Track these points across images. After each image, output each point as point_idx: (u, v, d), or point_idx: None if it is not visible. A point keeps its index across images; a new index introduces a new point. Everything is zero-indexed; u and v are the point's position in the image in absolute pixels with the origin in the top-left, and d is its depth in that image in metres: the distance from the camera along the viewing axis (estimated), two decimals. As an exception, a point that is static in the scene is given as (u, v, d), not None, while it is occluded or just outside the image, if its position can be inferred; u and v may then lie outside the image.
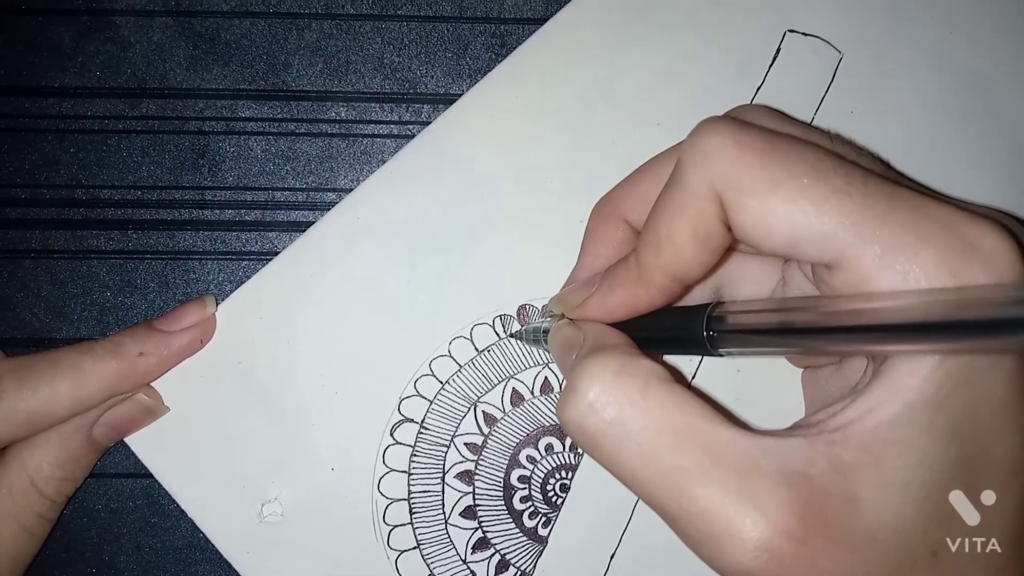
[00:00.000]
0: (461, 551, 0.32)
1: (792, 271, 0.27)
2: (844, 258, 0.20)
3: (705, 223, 0.22)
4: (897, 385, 0.20)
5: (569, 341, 0.26)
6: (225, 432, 0.32)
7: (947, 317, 0.18)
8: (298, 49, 0.35)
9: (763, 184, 0.21)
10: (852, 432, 0.20)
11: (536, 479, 0.33)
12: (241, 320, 0.33)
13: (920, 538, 0.20)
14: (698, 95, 0.34)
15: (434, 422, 0.33)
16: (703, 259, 0.23)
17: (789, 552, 0.20)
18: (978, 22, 0.35)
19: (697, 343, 0.24)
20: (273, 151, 0.34)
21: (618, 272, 0.25)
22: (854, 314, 0.20)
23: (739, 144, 0.22)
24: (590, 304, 0.26)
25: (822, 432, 0.21)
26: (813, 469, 0.20)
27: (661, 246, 0.23)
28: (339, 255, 0.33)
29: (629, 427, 0.21)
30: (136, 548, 0.34)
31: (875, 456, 0.20)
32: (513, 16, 0.35)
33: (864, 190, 0.21)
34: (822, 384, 0.27)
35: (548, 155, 0.34)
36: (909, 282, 0.20)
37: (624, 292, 0.25)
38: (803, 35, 0.34)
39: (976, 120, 0.35)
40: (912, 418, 0.20)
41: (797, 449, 0.21)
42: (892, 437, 0.20)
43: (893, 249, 0.20)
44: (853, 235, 0.20)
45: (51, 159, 0.34)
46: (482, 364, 0.33)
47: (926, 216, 0.20)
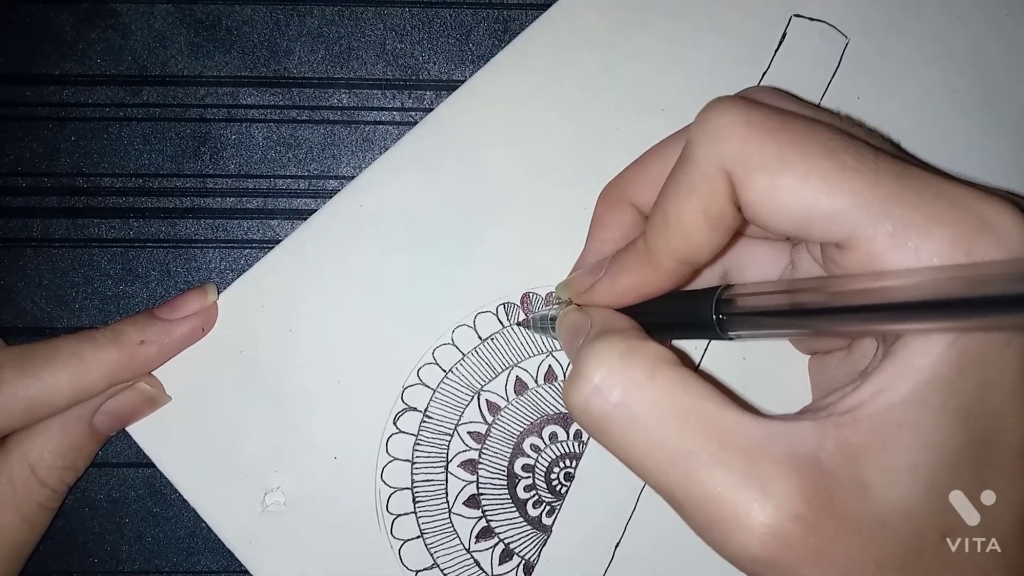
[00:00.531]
0: (465, 540, 0.32)
1: (801, 254, 0.26)
2: (855, 237, 0.20)
3: (715, 203, 0.22)
4: (908, 365, 0.20)
5: (576, 327, 0.26)
6: (227, 421, 0.32)
7: (960, 294, 0.18)
8: (300, 36, 0.34)
9: (774, 163, 0.21)
10: (861, 414, 0.20)
11: (540, 468, 0.33)
12: (243, 309, 0.33)
13: (930, 522, 0.20)
14: (703, 81, 0.34)
15: (437, 411, 0.33)
16: (713, 241, 0.23)
17: (798, 537, 0.19)
18: (985, 8, 0.35)
19: (707, 327, 0.23)
20: (275, 138, 0.34)
21: (626, 256, 0.25)
22: (865, 293, 0.20)
23: (749, 123, 0.21)
24: (598, 289, 0.26)
25: (831, 415, 0.20)
26: (822, 453, 0.20)
27: (670, 228, 0.23)
28: (341, 243, 0.33)
29: (635, 410, 0.21)
30: (138, 538, 0.34)
31: (884, 438, 0.20)
32: (516, 2, 0.35)
33: (875, 168, 0.20)
34: (831, 371, 0.27)
35: (552, 142, 0.33)
36: (921, 260, 0.19)
37: (633, 276, 0.25)
38: (809, 20, 0.34)
39: (982, 105, 0.34)
40: (923, 399, 0.20)
41: (805, 433, 0.20)
42: (902, 419, 0.20)
43: (905, 228, 0.19)
44: (864, 214, 0.20)
45: (52, 147, 0.34)
46: (485, 352, 0.33)
47: (938, 195, 0.20)
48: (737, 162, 0.21)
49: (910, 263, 0.19)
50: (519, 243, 0.33)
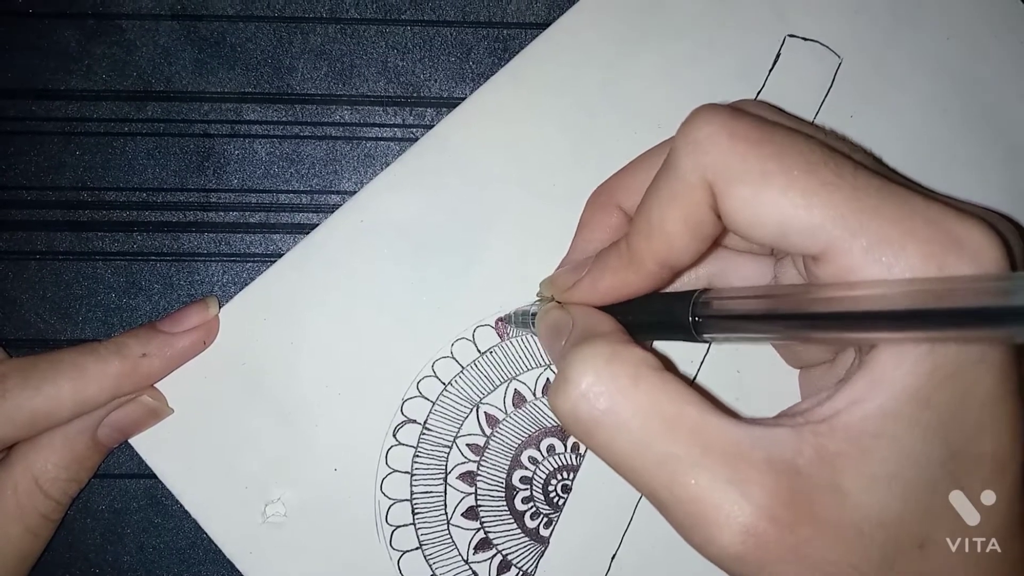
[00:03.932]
0: (463, 551, 0.33)
1: (785, 269, 0.27)
2: (831, 250, 0.20)
3: (696, 211, 0.22)
4: (881, 377, 0.20)
5: (557, 325, 0.26)
6: (229, 433, 0.33)
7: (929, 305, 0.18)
8: (303, 53, 0.35)
9: (755, 174, 0.21)
10: (837, 423, 0.20)
11: (538, 480, 0.33)
12: (245, 321, 0.33)
13: (907, 532, 0.21)
14: (699, 98, 0.34)
15: (436, 423, 0.33)
16: (693, 247, 0.23)
17: (774, 538, 0.20)
18: (976, 27, 0.35)
19: (682, 328, 0.24)
20: (277, 154, 0.35)
21: (609, 257, 0.26)
22: (837, 301, 0.20)
23: (732, 134, 0.22)
24: (580, 287, 0.26)
25: (808, 422, 0.21)
26: (800, 459, 0.20)
27: (652, 233, 0.23)
28: (343, 257, 0.33)
29: (621, 416, 0.21)
30: (139, 548, 0.34)
31: (861, 448, 0.20)
32: (516, 20, 0.35)
33: (854, 183, 0.21)
34: (816, 383, 0.28)
35: (551, 158, 0.34)
36: (894, 274, 0.20)
37: (614, 277, 0.25)
38: (803, 40, 0.35)
39: (974, 124, 0.35)
40: (897, 411, 0.20)
41: (784, 438, 0.21)
42: (877, 430, 0.20)
43: (880, 242, 0.20)
44: (841, 227, 0.20)
45: (57, 161, 0.34)
46: (484, 365, 0.33)
47: (914, 211, 0.20)
48: (718, 173, 0.22)
49: (883, 276, 0.20)
50: (518, 257, 0.34)
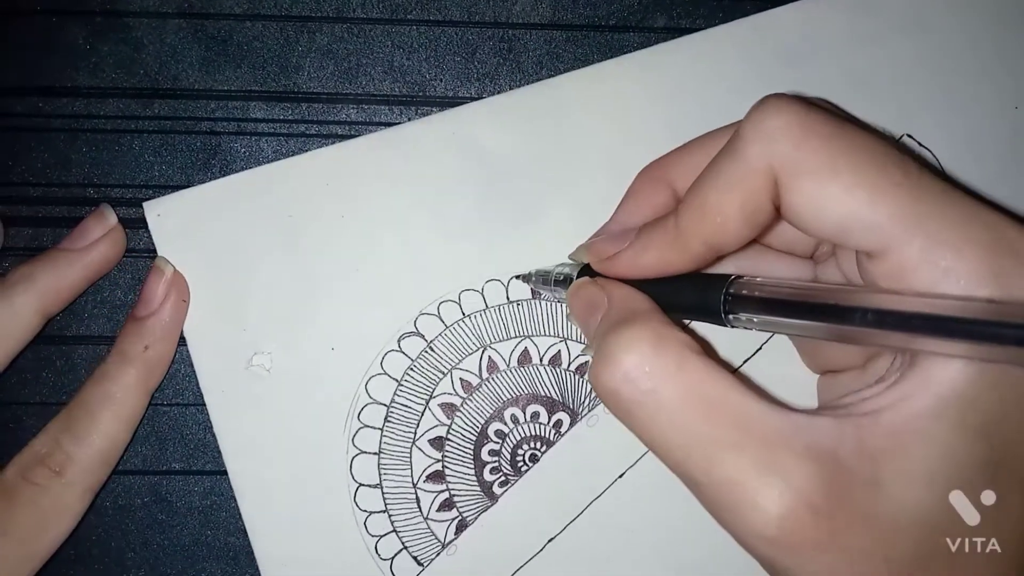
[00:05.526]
0: (415, 477, 0.33)
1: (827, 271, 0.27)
2: (889, 248, 0.21)
3: (754, 198, 0.22)
4: (930, 377, 0.20)
5: (593, 301, 0.26)
6: (251, 271, 0.33)
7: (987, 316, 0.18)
8: (309, 52, 0.35)
9: (824, 169, 0.21)
10: (882, 419, 0.21)
11: (511, 440, 0.34)
12: (309, 179, 0.34)
13: (943, 531, 0.21)
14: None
15: (434, 357, 0.34)
16: (744, 233, 0.23)
17: (811, 524, 0.20)
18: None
19: (712, 311, 0.24)
20: (284, 152, 0.35)
21: (655, 232, 0.25)
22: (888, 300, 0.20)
23: (805, 126, 0.22)
24: (621, 259, 0.26)
25: (851, 415, 0.21)
26: (840, 449, 0.20)
27: (706, 214, 0.23)
28: (421, 155, 0.34)
29: (663, 398, 0.22)
30: (143, 545, 0.34)
31: (903, 445, 0.20)
32: (521, 21, 0.35)
33: (919, 184, 0.21)
34: (841, 390, 0.27)
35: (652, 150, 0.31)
36: (949, 277, 0.20)
37: (659, 253, 0.25)
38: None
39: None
40: (943, 412, 0.20)
41: (826, 428, 0.21)
42: (921, 429, 0.20)
43: (938, 244, 0.20)
44: (901, 227, 0.20)
45: (64, 158, 0.34)
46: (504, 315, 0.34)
47: (973, 216, 0.21)
48: (786, 164, 0.22)
49: (938, 278, 0.20)
50: (574, 231, 0.32)
